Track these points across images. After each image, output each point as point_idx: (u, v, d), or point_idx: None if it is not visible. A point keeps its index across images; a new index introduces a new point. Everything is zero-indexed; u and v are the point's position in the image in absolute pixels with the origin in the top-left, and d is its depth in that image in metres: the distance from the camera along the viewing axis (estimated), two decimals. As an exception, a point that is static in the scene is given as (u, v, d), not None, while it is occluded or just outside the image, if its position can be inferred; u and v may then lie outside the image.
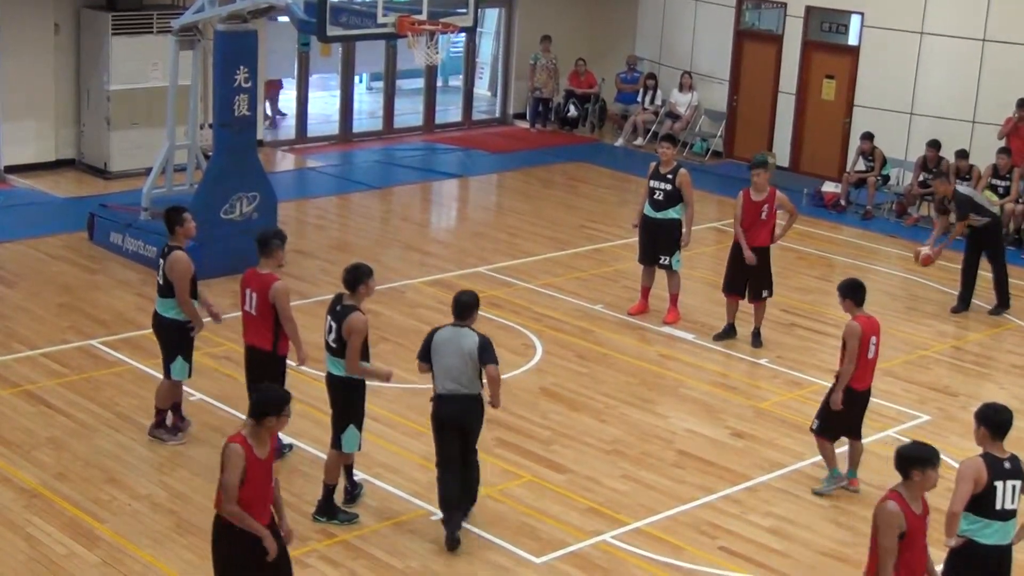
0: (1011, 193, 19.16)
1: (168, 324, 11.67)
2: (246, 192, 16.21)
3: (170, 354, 11.70)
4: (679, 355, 14.59)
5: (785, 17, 22.87)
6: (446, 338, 10.21)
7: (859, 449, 11.51)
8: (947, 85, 21.06)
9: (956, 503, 8.39)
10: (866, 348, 11.09)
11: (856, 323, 11.08)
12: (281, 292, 10.91)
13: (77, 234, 17.41)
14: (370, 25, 15.20)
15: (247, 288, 11.07)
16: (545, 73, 25.23)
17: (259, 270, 11.01)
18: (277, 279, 10.95)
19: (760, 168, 14.52)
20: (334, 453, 10.58)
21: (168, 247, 11.64)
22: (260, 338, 11.03)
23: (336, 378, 10.47)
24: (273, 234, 11.19)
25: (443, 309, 15.18)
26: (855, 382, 11.18)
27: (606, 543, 10.54)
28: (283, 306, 10.91)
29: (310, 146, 23.45)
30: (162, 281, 11.61)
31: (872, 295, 16.90)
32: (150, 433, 11.85)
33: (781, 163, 22.65)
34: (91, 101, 20.26)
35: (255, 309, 10.99)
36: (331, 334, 10.35)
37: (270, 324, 10.95)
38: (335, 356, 10.39)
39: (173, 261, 11.46)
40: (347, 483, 10.84)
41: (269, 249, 11.02)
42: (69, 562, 9.80)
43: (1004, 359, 15.06)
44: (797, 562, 10.43)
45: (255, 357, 11.13)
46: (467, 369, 10.12)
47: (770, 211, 14.45)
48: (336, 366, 10.42)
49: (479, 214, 21.06)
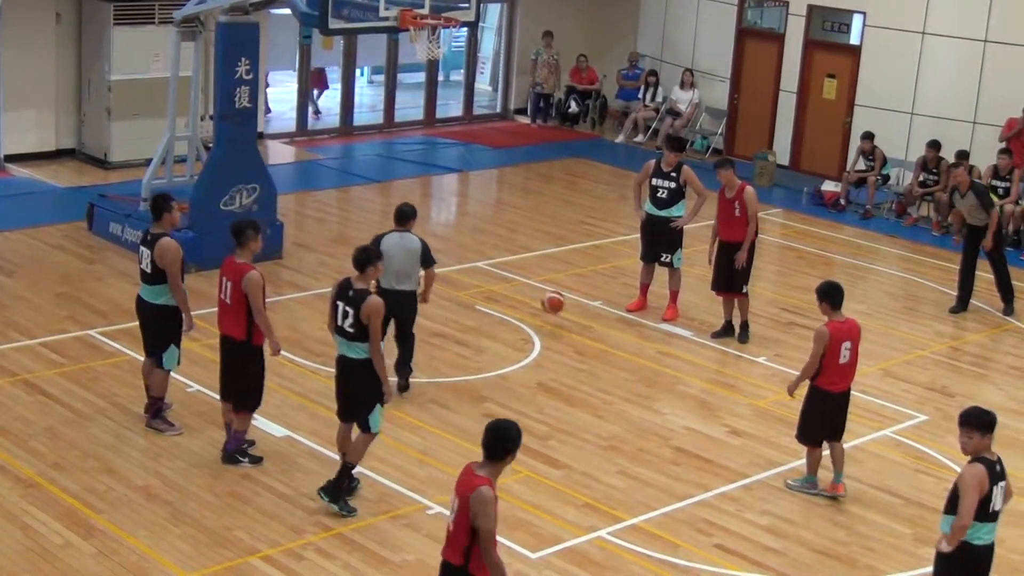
0: (1011, 194, 19.17)
1: (158, 311, 11.62)
2: (246, 184, 16.20)
3: (161, 342, 11.65)
4: (677, 352, 14.59)
5: (787, 16, 22.86)
6: (394, 242, 12.16)
7: (839, 451, 11.43)
8: (948, 85, 21.06)
9: (966, 516, 8.38)
10: (837, 353, 11.03)
11: (825, 329, 11.04)
12: (253, 282, 10.83)
13: (76, 224, 17.40)
14: (372, 18, 15.20)
15: (223, 276, 11.05)
16: (546, 69, 25.23)
17: (236, 259, 10.99)
18: (251, 269, 10.89)
19: (720, 168, 14.57)
20: (363, 436, 10.60)
21: (152, 234, 11.58)
22: (234, 327, 10.98)
23: (356, 362, 10.43)
24: (248, 224, 11.11)
25: (442, 304, 15.22)
26: (829, 385, 11.16)
27: (602, 539, 10.55)
28: (255, 297, 10.82)
29: (311, 138, 23.44)
30: (149, 269, 11.55)
31: (871, 295, 17.06)
32: (148, 424, 11.85)
33: (781, 161, 22.65)
34: (92, 91, 20.25)
35: (229, 298, 10.95)
36: (347, 319, 10.34)
37: (243, 314, 10.88)
38: (353, 340, 10.37)
39: (164, 248, 11.40)
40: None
41: (243, 239, 10.97)
42: (65, 552, 9.80)
43: (1002, 360, 15.06)
44: (793, 560, 10.44)
45: (229, 346, 11.10)
46: (412, 268, 12.25)
47: (741, 207, 14.46)
48: (354, 350, 10.40)
49: (479, 209, 21.06)
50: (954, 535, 8.47)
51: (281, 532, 10.25)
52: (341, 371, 10.63)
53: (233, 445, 11.27)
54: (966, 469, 8.52)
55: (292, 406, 12.43)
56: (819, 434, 11.36)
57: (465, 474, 7.66)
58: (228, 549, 9.97)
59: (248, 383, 11.12)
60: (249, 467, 11.22)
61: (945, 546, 8.57)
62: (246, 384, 11.12)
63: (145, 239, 11.70)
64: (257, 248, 11.14)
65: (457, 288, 16.01)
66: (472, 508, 7.47)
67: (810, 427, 11.34)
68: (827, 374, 11.09)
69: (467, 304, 15.52)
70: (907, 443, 12.68)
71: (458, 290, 15.95)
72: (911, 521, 11.12)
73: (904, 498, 11.54)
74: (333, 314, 10.50)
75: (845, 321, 11.16)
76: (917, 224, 20.16)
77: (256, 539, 10.13)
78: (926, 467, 12.14)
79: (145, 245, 11.64)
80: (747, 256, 14.51)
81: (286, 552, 9.97)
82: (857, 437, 12.50)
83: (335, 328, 10.51)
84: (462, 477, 7.66)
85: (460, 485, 7.64)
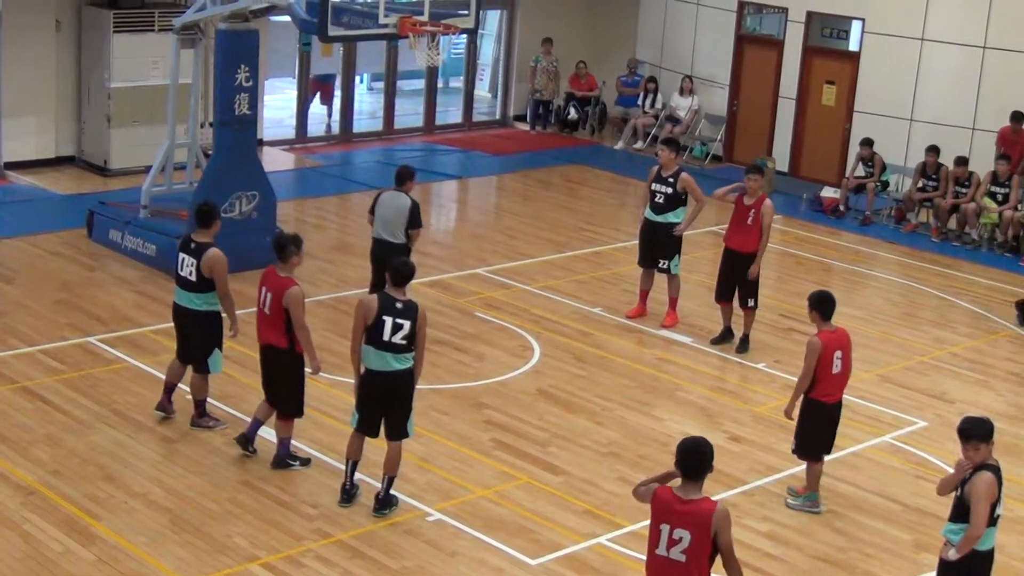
0: (1010, 200, 19.18)
1: (204, 317, 11.73)
2: (245, 191, 16.21)
3: (207, 347, 11.78)
4: (676, 359, 14.60)
5: (786, 22, 22.89)
6: (388, 198, 13.85)
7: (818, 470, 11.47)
8: (947, 92, 21.08)
9: (981, 526, 8.38)
10: (830, 363, 11.01)
11: (817, 339, 11.01)
12: (295, 299, 10.89)
13: (76, 231, 17.41)
14: (371, 26, 15.20)
15: (263, 287, 11.10)
16: (546, 75, 25.25)
17: (278, 272, 11.04)
18: (294, 284, 10.95)
19: (753, 173, 14.49)
20: (396, 445, 10.67)
21: (196, 243, 11.65)
22: (276, 337, 11.03)
23: (403, 372, 10.47)
24: (290, 239, 11.15)
25: (442, 311, 15.23)
26: (824, 396, 11.11)
27: (602, 545, 10.55)
28: (296, 313, 10.90)
29: (310, 145, 23.46)
30: (193, 277, 11.61)
31: (870, 301, 17.07)
32: (193, 423, 11.97)
33: (781, 168, 22.68)
34: (92, 98, 20.27)
35: (269, 309, 11.02)
36: (399, 332, 10.35)
37: (282, 323, 10.96)
38: (400, 353, 10.39)
39: (213, 260, 11.49)
40: (347, 481, 10.84)
41: (285, 255, 11.03)
42: (65, 559, 9.80)
43: (1001, 366, 15.06)
44: (792, 567, 10.44)
45: (272, 356, 11.14)
46: (398, 223, 13.67)
47: (755, 218, 14.43)
48: (401, 361, 10.42)
49: (478, 215, 21.07)
50: (967, 544, 8.45)
51: (281, 539, 10.25)
52: (391, 384, 10.63)
53: (283, 451, 11.37)
54: (979, 478, 8.46)
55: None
56: (819, 448, 11.32)
57: (677, 502, 7.64)
58: (228, 556, 9.97)
59: (292, 390, 11.19)
60: (300, 469, 11.32)
61: (954, 554, 8.56)
62: (290, 391, 11.20)
63: (188, 247, 11.74)
64: (299, 262, 11.21)
65: (457, 295, 16.02)
66: (716, 525, 7.57)
67: (810, 441, 11.27)
68: (822, 385, 11.06)
69: (467, 311, 15.53)
70: (907, 449, 12.68)
71: (458, 297, 15.96)
72: (910, 527, 11.13)
73: (903, 504, 11.55)
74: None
75: (835, 330, 11.14)
76: (916, 230, 20.17)
77: (256, 546, 10.13)
78: (925, 473, 12.14)
79: (188, 253, 11.69)
80: (757, 269, 14.49)
81: (286, 559, 9.97)
82: (856, 443, 12.51)
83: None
84: (685, 506, 7.63)
85: (681, 515, 7.61)
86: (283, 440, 11.38)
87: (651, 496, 7.74)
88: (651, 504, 7.75)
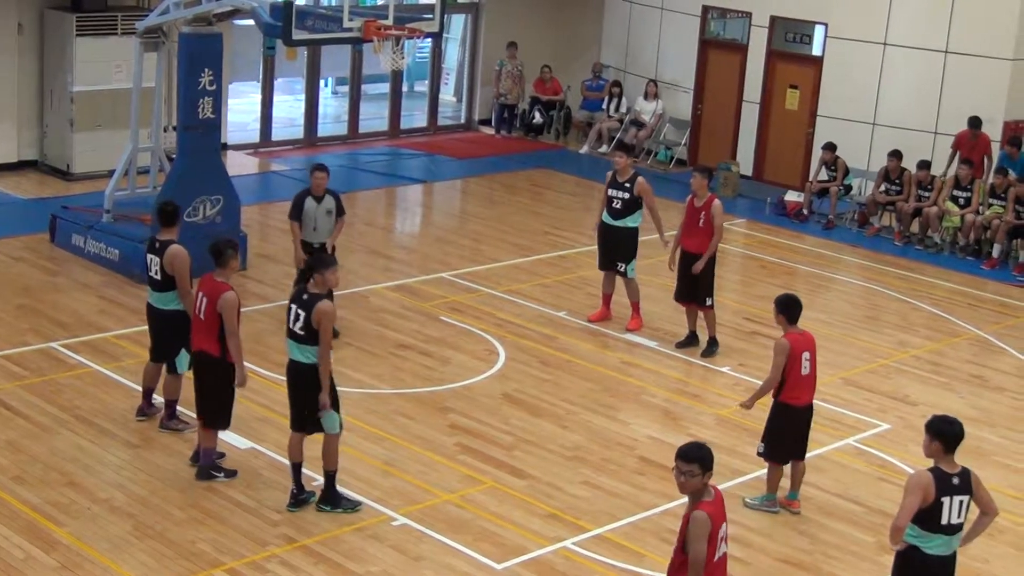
0: (971, 204, 19.32)
1: (170, 316, 11.71)
2: (209, 195, 16.14)
3: (174, 347, 11.75)
4: (641, 362, 14.63)
5: (750, 27, 22.99)
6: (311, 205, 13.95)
7: (802, 470, 11.47)
8: (909, 96, 21.22)
9: (902, 517, 8.40)
10: (798, 364, 11.07)
11: (786, 340, 11.08)
12: (229, 304, 10.80)
13: (39, 236, 17.29)
14: (336, 29, 15.19)
15: (200, 291, 11.03)
16: (510, 79, 25.27)
17: (215, 277, 10.97)
18: (229, 289, 10.87)
19: (697, 172, 14.64)
20: (327, 438, 10.68)
21: (160, 241, 11.68)
22: (208, 343, 10.95)
23: (303, 365, 10.58)
24: (226, 243, 11.09)
25: (407, 315, 15.21)
26: (793, 399, 11.16)
27: (567, 549, 10.56)
28: (229, 319, 10.80)
29: (274, 149, 23.39)
30: (159, 276, 11.62)
31: (833, 304, 17.16)
32: (162, 425, 11.93)
33: (745, 172, 22.76)
34: (54, 102, 20.15)
35: (203, 314, 10.94)
36: (297, 321, 10.48)
37: (216, 330, 10.88)
38: (299, 343, 10.52)
39: (173, 255, 11.53)
40: (293, 485, 10.83)
41: (223, 259, 10.96)
42: (27, 566, 9.73)
43: (964, 368, 15.16)
44: (757, 569, 10.48)
45: (204, 362, 11.05)
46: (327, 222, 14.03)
47: (707, 218, 14.51)
48: (303, 352, 10.53)
49: (443, 220, 21.07)
50: (892, 536, 8.53)
51: (245, 545, 10.21)
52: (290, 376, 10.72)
53: (205, 461, 11.24)
54: (912, 474, 8.56)
55: (256, 418, 12.39)
56: (787, 452, 11.36)
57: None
58: (192, 562, 9.93)
59: (221, 401, 11.10)
60: (224, 480, 11.18)
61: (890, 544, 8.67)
62: (219, 402, 11.10)
63: (153, 247, 11.76)
64: (236, 267, 11.17)
65: (422, 299, 16.01)
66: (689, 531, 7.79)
67: (779, 445, 11.31)
68: (790, 387, 11.11)
69: (432, 315, 15.52)
70: (869, 452, 12.75)
71: (423, 301, 15.95)
72: (873, 529, 11.18)
73: (867, 506, 11.60)
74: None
75: (802, 333, 11.20)
76: (879, 234, 20.29)
77: (220, 552, 10.09)
78: (888, 475, 12.21)
79: (153, 252, 11.70)
80: (705, 267, 14.53)
81: (250, 564, 9.94)
82: (820, 446, 12.56)
83: (287, 332, 10.61)
84: (714, 506, 7.93)
85: (721, 515, 7.94)
86: (206, 451, 11.23)
87: None
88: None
